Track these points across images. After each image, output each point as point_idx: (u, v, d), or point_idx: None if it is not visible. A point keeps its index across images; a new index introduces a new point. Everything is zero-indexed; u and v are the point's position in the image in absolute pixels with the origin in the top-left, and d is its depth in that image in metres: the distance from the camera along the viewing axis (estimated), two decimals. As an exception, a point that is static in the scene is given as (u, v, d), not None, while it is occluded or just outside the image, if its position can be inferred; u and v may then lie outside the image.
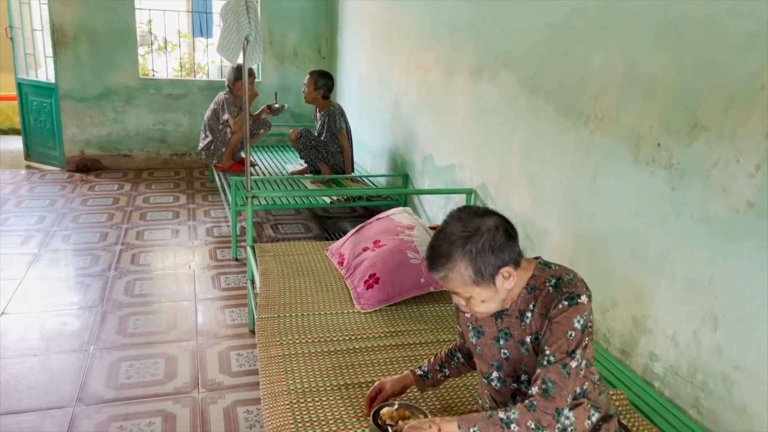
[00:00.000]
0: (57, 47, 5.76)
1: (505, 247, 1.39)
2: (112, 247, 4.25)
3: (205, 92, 6.28)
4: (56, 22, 5.70)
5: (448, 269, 1.38)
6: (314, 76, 4.79)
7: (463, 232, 1.38)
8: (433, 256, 1.41)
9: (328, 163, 4.80)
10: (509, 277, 1.41)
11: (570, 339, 1.37)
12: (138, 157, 6.31)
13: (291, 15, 6.31)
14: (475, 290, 1.40)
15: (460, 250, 1.37)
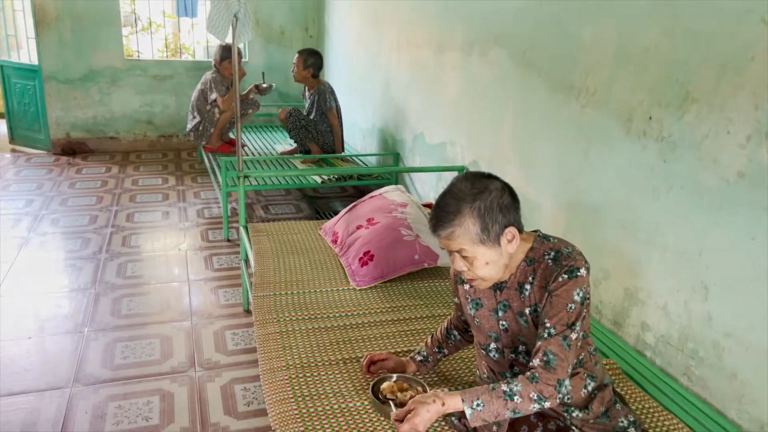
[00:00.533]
0: (39, 28, 5.66)
1: (511, 208, 1.42)
2: (102, 229, 4.23)
3: (192, 72, 6.21)
4: (37, 2, 5.59)
5: (456, 225, 1.39)
6: (303, 54, 4.76)
7: (472, 189, 1.40)
8: (440, 213, 1.41)
9: (318, 142, 4.78)
10: (513, 239, 1.42)
11: (570, 311, 1.40)
12: (125, 140, 6.25)
13: (277, -7, 6.24)
14: (480, 250, 1.41)
15: (469, 206, 1.38)
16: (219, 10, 2.88)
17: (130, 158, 6.04)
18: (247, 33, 2.98)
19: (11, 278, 3.48)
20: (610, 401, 1.56)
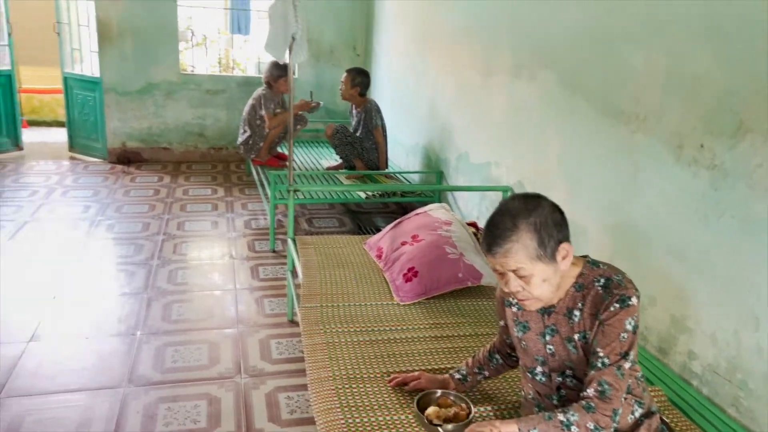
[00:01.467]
0: (102, 42, 5.92)
1: (563, 225, 1.44)
2: (154, 236, 4.37)
3: (243, 88, 6.39)
4: (102, 18, 5.86)
5: (513, 241, 1.39)
6: (351, 73, 4.86)
7: (526, 206, 1.42)
8: (495, 231, 1.41)
9: (363, 159, 4.86)
10: (567, 255, 1.43)
11: (623, 341, 1.40)
12: (177, 150, 6.45)
13: (328, 13, 6.38)
14: (537, 266, 1.41)
15: (525, 221, 1.39)
16: (277, 31, 2.99)
17: (181, 168, 6.23)
18: (303, 53, 3.08)
19: (70, 281, 3.63)
20: (657, 429, 1.55)
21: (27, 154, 6.41)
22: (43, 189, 5.27)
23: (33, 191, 5.19)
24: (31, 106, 8.17)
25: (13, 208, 4.75)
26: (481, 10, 3.74)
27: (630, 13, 2.39)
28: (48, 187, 5.34)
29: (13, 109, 6.31)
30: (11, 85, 6.24)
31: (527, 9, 3.19)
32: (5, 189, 5.20)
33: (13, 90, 6.27)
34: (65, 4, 6.17)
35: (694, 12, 2.07)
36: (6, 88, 6.20)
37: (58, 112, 8.18)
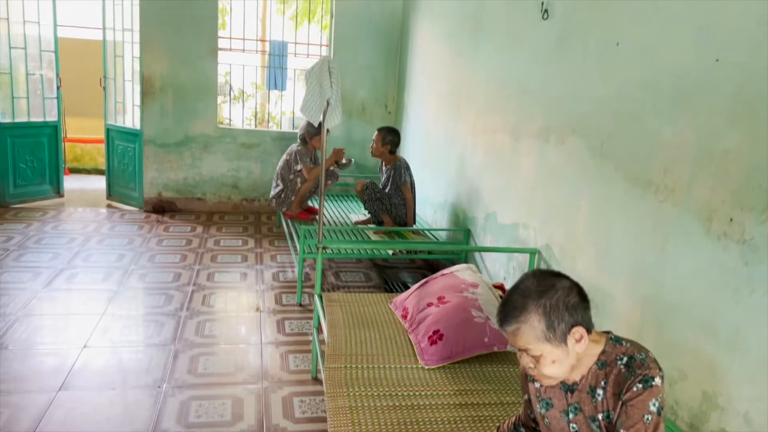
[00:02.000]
0: (145, 97, 6.19)
1: (579, 308, 1.43)
2: (184, 287, 4.45)
3: (277, 142, 6.57)
4: (146, 74, 6.14)
5: (521, 321, 1.41)
6: (382, 132, 4.97)
7: (539, 287, 1.43)
8: (506, 309, 1.44)
9: (391, 214, 4.92)
10: (581, 339, 1.42)
11: (647, 423, 1.38)
12: (210, 201, 6.61)
13: (361, 72, 6.58)
14: (546, 348, 1.41)
15: (535, 303, 1.40)
16: (313, 95, 3.10)
17: (213, 219, 6.37)
18: (337, 117, 3.18)
19: (100, 330, 3.70)
20: None
21: (67, 201, 6.63)
22: (80, 236, 5.43)
23: (71, 238, 5.35)
24: (73, 154, 8.52)
25: (51, 255, 4.90)
26: (511, 75, 3.83)
27: (658, 88, 2.43)
28: (85, 234, 5.50)
29: (57, 158, 6.58)
30: (57, 136, 6.53)
31: (557, 77, 3.26)
32: (45, 236, 5.37)
33: (58, 140, 6.55)
34: (113, 60, 6.49)
35: (723, 88, 2.10)
36: (52, 138, 6.49)
37: (98, 160, 8.51)
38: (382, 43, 6.54)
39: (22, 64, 6.16)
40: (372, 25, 6.46)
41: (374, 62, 6.59)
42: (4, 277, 4.36)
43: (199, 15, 6.11)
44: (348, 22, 6.42)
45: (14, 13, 5.98)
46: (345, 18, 6.41)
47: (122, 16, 6.28)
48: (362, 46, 6.51)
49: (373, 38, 6.50)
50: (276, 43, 7.75)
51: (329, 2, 6.51)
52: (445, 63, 5.15)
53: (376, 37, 6.50)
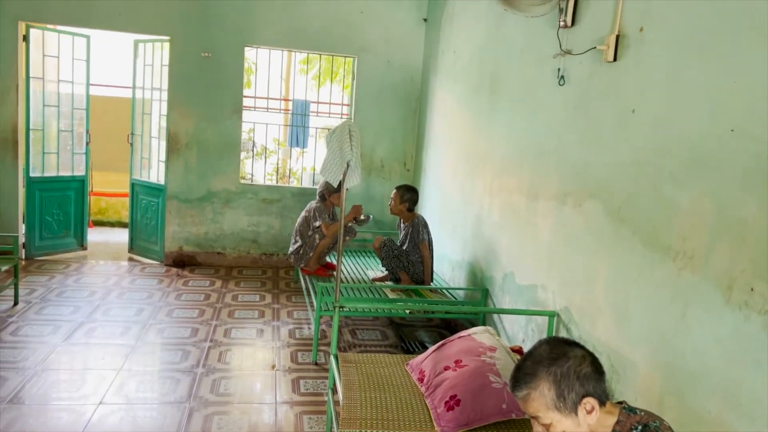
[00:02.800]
0: (170, 153, 6.37)
1: (591, 378, 1.42)
2: (201, 343, 4.45)
3: (297, 198, 6.67)
4: (172, 131, 6.33)
5: (531, 388, 1.41)
6: (401, 190, 5.04)
7: (551, 354, 1.43)
8: (517, 375, 1.46)
9: (408, 272, 4.92)
10: (592, 411, 1.41)
11: None
12: (230, 255, 6.68)
13: (381, 130, 6.72)
14: (555, 417, 1.40)
15: (545, 370, 1.41)
16: (333, 157, 3.18)
17: (232, 273, 6.42)
18: (356, 178, 3.24)
19: (116, 386, 3.70)
20: None
21: (90, 254, 6.74)
22: (101, 290, 5.49)
23: (92, 291, 5.42)
24: (98, 207, 8.71)
25: (71, 308, 4.95)
26: (528, 138, 3.89)
27: (674, 155, 2.45)
28: (106, 287, 5.57)
29: (82, 211, 6.74)
30: (84, 190, 6.70)
31: (573, 141, 3.31)
32: (66, 289, 5.45)
33: (84, 194, 6.73)
34: (140, 117, 6.71)
35: (739, 157, 2.11)
36: (79, 192, 6.66)
37: (122, 213, 8.69)
38: (402, 103, 6.70)
39: (54, 121, 6.39)
40: (392, 85, 6.64)
41: (394, 121, 6.73)
42: (25, 330, 4.41)
43: (225, 75, 6.33)
44: (369, 82, 6.61)
45: (50, 72, 6.26)
46: (366, 78, 6.60)
47: (151, 76, 6.53)
48: (382, 105, 6.67)
49: (394, 98, 6.67)
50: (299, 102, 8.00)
51: (351, 63, 6.72)
52: (463, 123, 5.25)
53: (396, 96, 6.67)
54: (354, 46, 6.53)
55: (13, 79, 5.94)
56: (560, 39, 3.39)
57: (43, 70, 6.18)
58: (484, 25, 4.82)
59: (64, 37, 6.30)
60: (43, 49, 6.16)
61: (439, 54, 6.04)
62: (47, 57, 6.21)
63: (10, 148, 6.04)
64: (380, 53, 6.57)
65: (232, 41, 6.30)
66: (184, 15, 6.16)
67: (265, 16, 6.32)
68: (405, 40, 6.59)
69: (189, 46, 6.22)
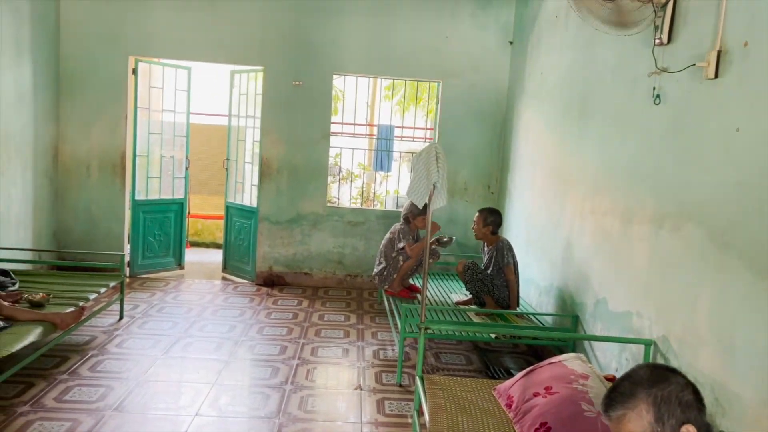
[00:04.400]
0: (262, 177, 6.63)
1: (693, 407, 1.34)
2: (289, 360, 4.55)
3: (381, 221, 6.75)
4: (265, 157, 6.60)
5: (629, 408, 1.34)
6: (483, 213, 4.99)
7: (651, 376, 1.37)
8: (613, 395, 1.39)
9: (493, 296, 4.84)
10: None
11: None
12: (316, 276, 6.83)
13: (464, 152, 6.70)
14: None
15: (645, 391, 1.34)
16: (420, 179, 3.21)
17: (318, 293, 6.55)
18: (442, 200, 3.25)
19: (210, 399, 3.84)
20: None
21: (187, 273, 7.10)
22: (197, 307, 5.76)
23: (189, 308, 5.69)
24: (195, 229, 9.19)
25: (170, 323, 5.22)
26: (621, 159, 3.76)
27: (785, 173, 2.29)
28: (201, 305, 5.83)
29: (181, 233, 7.12)
30: (182, 212, 7.10)
31: (670, 162, 3.16)
32: (166, 305, 5.75)
33: (183, 216, 7.12)
34: (235, 144, 7.05)
35: None
36: (178, 215, 7.06)
37: (216, 235, 9.11)
38: (487, 126, 6.67)
39: (158, 147, 6.83)
40: (477, 108, 6.63)
41: (478, 143, 6.70)
42: (129, 343, 4.68)
43: (314, 102, 6.55)
44: (453, 105, 6.63)
45: (154, 102, 6.72)
46: (451, 102, 6.63)
47: (246, 105, 6.86)
48: (467, 128, 6.66)
49: (478, 121, 6.65)
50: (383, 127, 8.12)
51: (436, 88, 6.78)
52: (551, 144, 5.14)
53: (480, 119, 6.65)
54: (439, 70, 6.59)
55: (123, 109, 6.42)
56: (655, 57, 3.27)
57: (149, 101, 6.64)
58: (572, 45, 4.73)
59: (168, 69, 6.76)
60: (150, 81, 6.63)
61: (526, 76, 5.98)
62: (153, 88, 6.67)
63: (119, 173, 6.50)
64: (465, 77, 6.59)
65: (321, 70, 6.52)
66: (277, 46, 6.45)
67: (352, 45, 6.51)
68: (490, 64, 6.58)
69: (281, 75, 6.49)
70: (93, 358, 4.34)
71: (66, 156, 6.44)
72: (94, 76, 6.36)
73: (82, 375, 4.04)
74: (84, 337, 4.71)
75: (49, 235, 6.31)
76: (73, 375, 4.03)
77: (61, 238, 6.49)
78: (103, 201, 6.52)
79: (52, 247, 6.34)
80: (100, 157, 6.47)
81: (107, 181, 6.51)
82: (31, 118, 5.81)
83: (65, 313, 4.04)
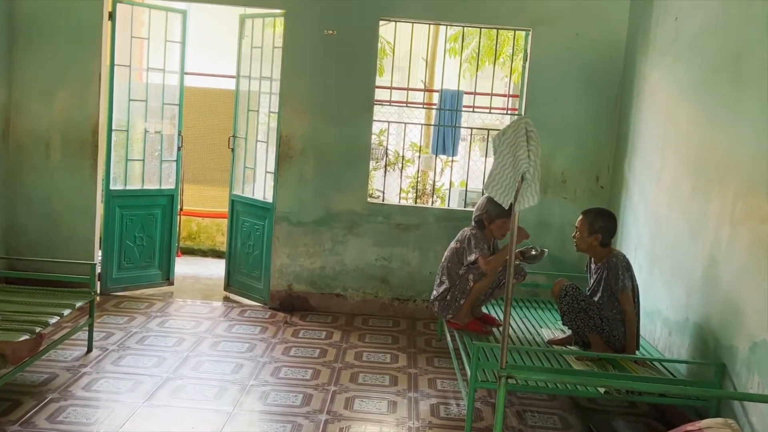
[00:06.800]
0: (281, 162, 6.70)
1: None
2: (315, 415, 4.57)
3: (443, 223, 6.73)
4: (284, 134, 6.67)
5: None
6: (590, 216, 4.91)
7: None
8: None
9: (602, 333, 4.77)
10: None
11: None
12: (352, 299, 6.85)
13: (561, 130, 6.61)
14: None
15: None
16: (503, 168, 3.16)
17: (355, 323, 6.57)
18: (533, 197, 3.19)
19: (209, 464, 3.89)
20: None
21: (177, 290, 7.24)
22: (190, 337, 5.85)
23: (179, 339, 5.79)
24: (187, 231, 9.35)
25: (155, 359, 5.31)
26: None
27: None
28: (196, 335, 5.93)
29: (170, 236, 7.26)
30: (173, 208, 7.24)
31: None
32: (149, 334, 5.86)
33: (174, 213, 7.26)
34: (245, 115, 7.12)
35: None
36: (167, 211, 7.20)
37: (216, 239, 9.28)
38: (595, 93, 6.57)
39: (140, 119, 6.96)
40: (581, 68, 6.54)
41: (582, 117, 6.61)
42: (99, 385, 4.78)
43: (353, 59, 6.59)
44: (547, 64, 6.56)
45: (137, 58, 6.85)
46: (543, 59, 6.56)
47: (260, 62, 6.90)
48: (565, 96, 6.58)
49: (582, 86, 6.56)
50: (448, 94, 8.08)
51: (522, 39, 6.70)
52: (690, 121, 5.03)
53: (585, 84, 6.56)
54: (527, 14, 6.55)
55: (96, 67, 6.56)
56: None
57: (130, 56, 6.78)
58: (722, -20, 4.62)
59: (156, 13, 6.89)
60: (131, 29, 6.76)
61: (653, 22, 5.88)
62: (135, 39, 6.81)
63: (89, 154, 6.65)
64: (565, 24, 6.53)
65: (363, 13, 6.56)
66: (304, -19, 6.51)
67: (407, -21, 6.52)
68: (601, 5, 6.51)
69: (308, 21, 6.56)
70: (52, 403, 4.45)
71: (19, 130, 6.66)
72: (58, 23, 6.56)
73: (38, 427, 4.14)
74: (41, 375, 4.84)
75: (-5, 236, 6.53)
76: (25, 426, 4.13)
77: (11, 241, 6.73)
78: (68, 191, 6.71)
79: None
80: (63, 131, 6.67)
81: (73, 164, 6.69)
82: (-25, 78, 6.02)
83: (18, 343, 4.14)
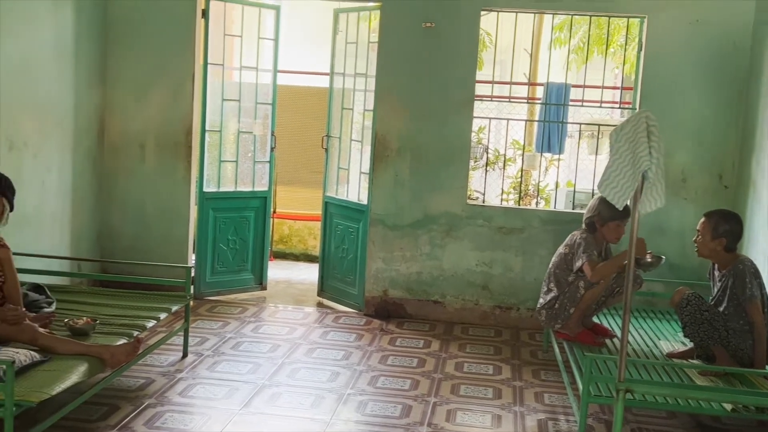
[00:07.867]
0: (376, 162, 6.77)
1: None
2: (416, 427, 4.60)
3: (549, 227, 6.66)
4: (379, 133, 6.74)
5: None
6: (713, 218, 4.82)
7: None
8: None
9: (728, 346, 4.66)
10: None
11: None
12: (451, 306, 6.86)
13: (681, 125, 6.46)
14: None
15: None
16: (620, 166, 3.11)
17: (454, 332, 6.58)
18: (658, 199, 3.13)
19: (308, 475, 3.98)
20: None
21: (269, 295, 7.40)
22: (285, 344, 5.99)
23: (274, 345, 5.93)
24: (279, 234, 9.54)
25: (250, 365, 5.46)
26: None
27: None
28: (291, 341, 6.06)
29: (263, 239, 7.43)
30: (266, 211, 7.41)
31: None
32: (244, 339, 6.03)
33: (267, 216, 7.44)
34: (338, 114, 7.23)
35: None
36: (260, 213, 7.38)
37: (308, 242, 9.43)
38: (718, 84, 6.41)
39: (234, 120, 7.17)
40: (703, 56, 6.38)
41: (703, 111, 6.45)
42: (195, 391, 4.95)
43: (453, 53, 6.60)
44: (665, 53, 6.42)
45: (230, 57, 7.05)
46: (661, 48, 6.42)
47: (355, 59, 7.00)
48: (684, 88, 6.43)
49: (704, 76, 6.41)
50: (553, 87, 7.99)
51: (636, 26, 6.57)
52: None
53: (707, 74, 6.40)
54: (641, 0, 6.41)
55: (190, 67, 6.80)
56: None
57: (223, 55, 6.99)
58: None
59: (250, 9, 7.07)
60: (224, 26, 6.96)
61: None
62: (228, 37, 7.01)
63: (182, 156, 6.89)
64: (683, 9, 6.38)
65: (463, 3, 6.56)
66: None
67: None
68: (724, -13, 6.33)
69: (405, 13, 6.61)
70: (149, 408, 4.63)
71: (114, 132, 6.95)
72: (151, 22, 6.81)
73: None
74: (138, 380, 5.05)
75: (90, 239, 6.85)
76: (123, 431, 4.31)
77: (105, 244, 7.03)
78: (162, 193, 6.97)
79: (93, 254, 6.87)
80: (157, 132, 6.92)
81: (167, 165, 6.94)
82: (71, 79, 6.32)
83: (116, 347, 4.32)
